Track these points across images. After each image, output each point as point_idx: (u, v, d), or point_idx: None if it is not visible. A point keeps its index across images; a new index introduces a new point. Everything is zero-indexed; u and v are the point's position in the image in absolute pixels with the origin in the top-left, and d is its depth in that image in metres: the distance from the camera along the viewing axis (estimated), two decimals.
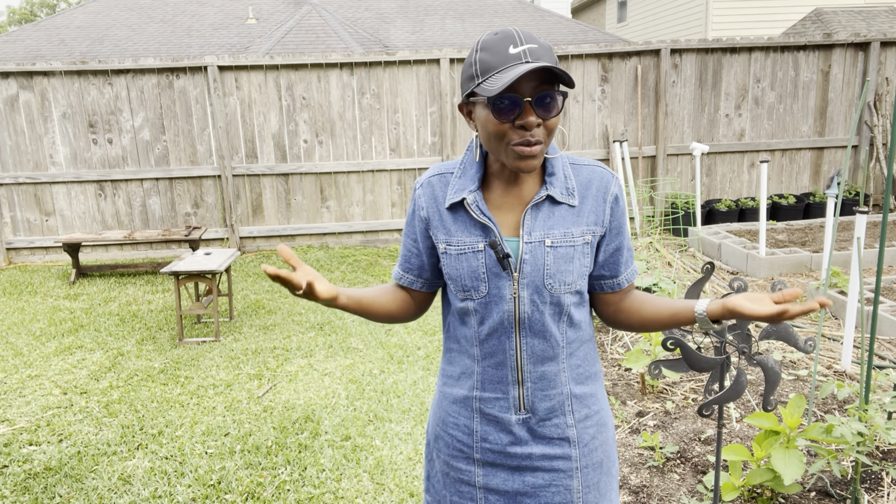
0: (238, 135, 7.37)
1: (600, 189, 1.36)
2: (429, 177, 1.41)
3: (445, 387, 1.46)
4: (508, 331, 1.34)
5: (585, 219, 1.34)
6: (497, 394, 1.37)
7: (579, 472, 1.40)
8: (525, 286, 1.31)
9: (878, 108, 7.88)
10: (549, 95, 1.22)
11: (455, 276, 1.36)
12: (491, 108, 1.23)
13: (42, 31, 12.83)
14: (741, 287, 1.88)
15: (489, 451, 1.40)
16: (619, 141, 7.43)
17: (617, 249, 1.41)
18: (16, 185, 7.25)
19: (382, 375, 4.07)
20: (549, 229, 1.32)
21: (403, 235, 1.47)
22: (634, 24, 17.92)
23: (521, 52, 1.20)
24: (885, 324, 4.25)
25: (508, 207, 1.35)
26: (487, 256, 1.31)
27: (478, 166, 1.36)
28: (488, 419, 1.39)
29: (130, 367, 4.35)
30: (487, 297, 1.33)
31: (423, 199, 1.40)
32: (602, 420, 1.45)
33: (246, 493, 2.89)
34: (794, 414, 2.40)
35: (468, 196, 1.33)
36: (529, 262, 1.31)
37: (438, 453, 1.48)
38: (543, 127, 1.24)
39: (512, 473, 1.40)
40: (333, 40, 11.11)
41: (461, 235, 1.34)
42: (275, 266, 6.74)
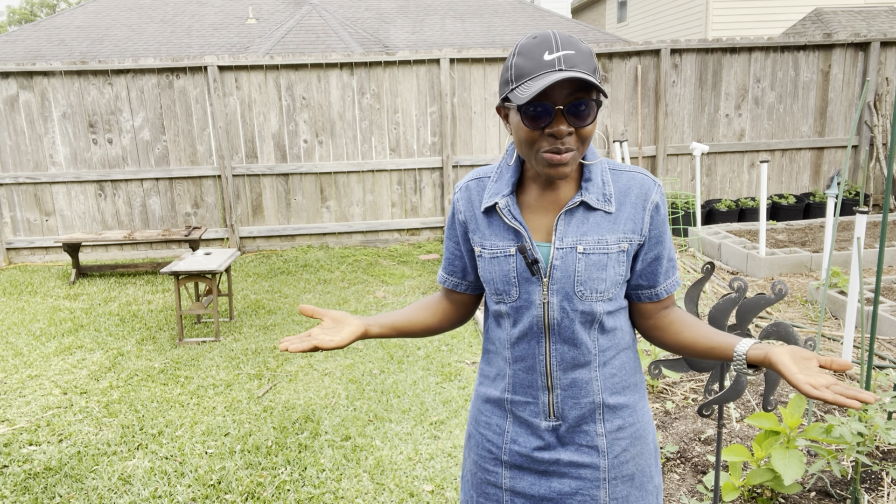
0: (238, 135, 7.37)
1: (640, 196, 1.32)
2: (467, 181, 1.42)
3: (481, 386, 1.47)
4: (538, 336, 1.33)
5: (622, 226, 1.31)
6: (528, 398, 1.37)
7: (607, 483, 1.37)
8: (555, 292, 1.29)
9: (878, 108, 7.88)
10: (582, 104, 1.20)
11: (489, 279, 1.37)
12: (521, 115, 1.21)
13: (42, 31, 12.83)
14: (741, 287, 1.88)
15: (517, 453, 1.39)
16: (619, 141, 7.42)
17: (656, 259, 1.37)
18: (16, 185, 7.25)
19: (382, 375, 4.07)
20: (581, 235, 1.29)
21: (445, 239, 1.49)
22: (634, 24, 17.92)
23: (555, 58, 1.18)
24: (885, 324, 4.25)
25: (543, 212, 1.33)
26: (518, 261, 1.31)
27: (513, 171, 1.35)
28: (520, 421, 1.39)
29: (130, 367, 4.35)
30: (518, 301, 1.33)
31: (460, 203, 1.42)
32: (638, 433, 1.40)
33: (246, 493, 2.89)
34: (794, 414, 2.40)
35: (500, 200, 1.33)
36: (560, 268, 1.29)
37: (469, 452, 1.49)
38: (576, 135, 1.22)
39: (539, 478, 1.38)
40: (333, 40, 11.11)
41: (495, 239, 1.34)
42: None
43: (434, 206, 7.71)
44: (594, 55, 1.24)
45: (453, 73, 7.43)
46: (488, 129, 7.61)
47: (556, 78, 1.14)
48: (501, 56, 7.40)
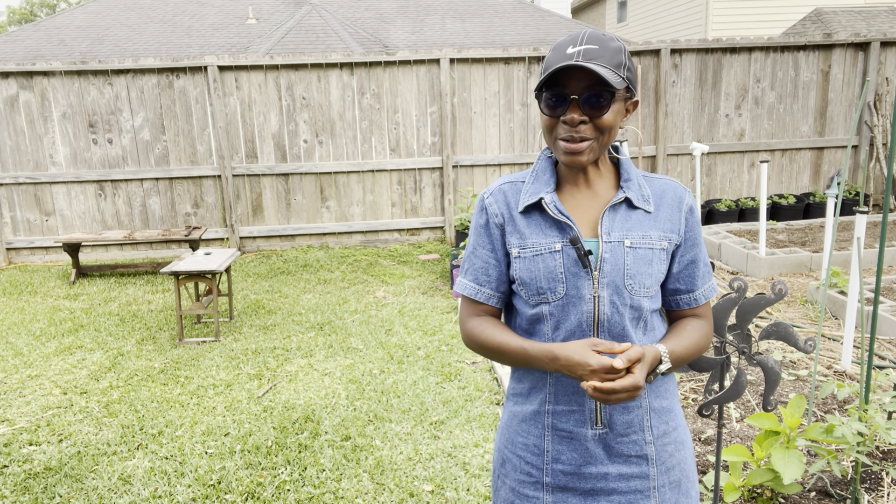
0: (238, 135, 7.37)
1: (674, 199, 1.37)
2: (499, 185, 1.42)
3: (515, 406, 1.42)
4: (586, 334, 1.31)
5: (662, 225, 1.34)
6: (572, 406, 1.33)
7: (656, 491, 1.35)
8: (605, 286, 1.29)
9: (878, 108, 7.88)
10: (598, 94, 1.25)
11: (529, 279, 1.33)
12: (540, 102, 1.31)
13: (42, 31, 12.83)
14: (741, 287, 1.88)
15: (561, 472, 1.34)
16: (620, 141, 7.41)
17: (692, 262, 1.39)
18: (16, 185, 7.25)
19: (382, 375, 4.07)
20: (627, 230, 1.32)
21: (474, 247, 1.42)
22: (634, 24, 17.92)
23: (575, 52, 1.25)
24: (885, 324, 4.25)
25: (583, 209, 1.36)
26: (565, 256, 1.30)
27: (551, 171, 1.38)
28: (561, 436, 1.34)
29: (130, 367, 4.35)
30: (565, 298, 1.30)
31: (495, 206, 1.39)
32: (680, 438, 1.40)
33: (246, 493, 2.89)
34: (795, 414, 2.40)
35: (546, 196, 1.34)
36: (609, 261, 1.29)
37: (505, 479, 1.42)
38: (593, 124, 1.27)
39: (584, 499, 1.34)
40: (333, 40, 11.10)
41: (536, 237, 1.34)
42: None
43: (434, 206, 7.71)
44: (624, 53, 1.27)
45: (453, 73, 7.44)
46: (488, 129, 7.61)
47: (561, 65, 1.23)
48: (501, 56, 7.40)
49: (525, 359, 1.31)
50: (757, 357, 1.89)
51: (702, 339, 1.39)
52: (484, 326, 1.39)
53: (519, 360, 1.33)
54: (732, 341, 1.93)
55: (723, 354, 1.91)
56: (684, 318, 1.42)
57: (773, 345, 4.20)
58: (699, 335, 1.39)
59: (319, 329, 4.94)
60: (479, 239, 1.41)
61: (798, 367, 3.89)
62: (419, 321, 5.02)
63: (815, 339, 1.96)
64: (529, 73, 7.53)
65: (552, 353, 1.26)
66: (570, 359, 1.23)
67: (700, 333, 1.39)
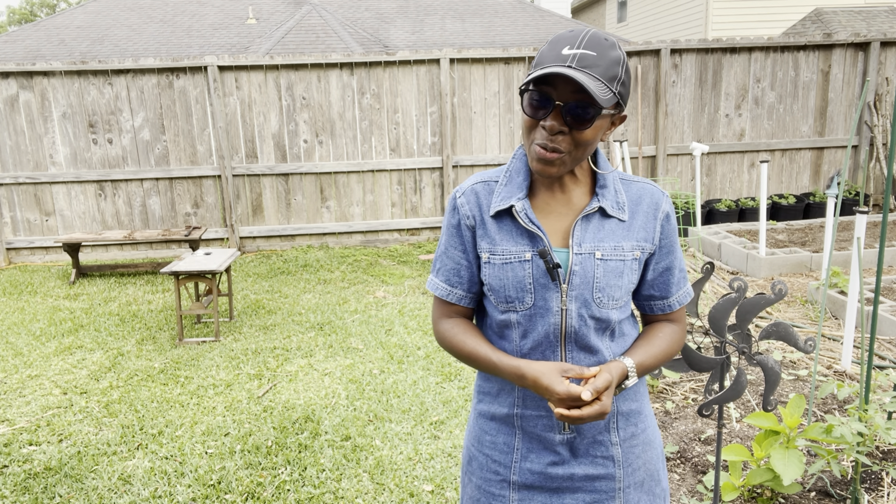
0: (238, 135, 7.37)
1: (651, 206, 1.33)
2: (472, 184, 1.36)
3: (482, 404, 1.41)
4: (553, 345, 1.29)
5: (635, 234, 1.31)
6: (541, 411, 1.33)
7: (621, 492, 1.36)
8: (573, 299, 1.27)
9: (878, 108, 7.88)
10: (584, 106, 1.18)
11: (498, 286, 1.31)
12: (524, 100, 1.24)
13: (42, 31, 12.83)
14: (741, 287, 1.88)
15: (528, 471, 1.35)
16: (619, 141, 7.42)
17: (667, 269, 1.37)
18: (16, 185, 7.25)
19: (382, 375, 4.07)
20: (599, 242, 1.28)
21: (446, 247, 1.39)
22: (634, 24, 17.92)
23: (570, 55, 1.18)
24: (885, 324, 4.25)
25: (556, 216, 1.31)
26: (535, 266, 1.27)
27: (525, 174, 1.33)
28: (530, 437, 1.34)
29: (130, 367, 4.35)
30: (532, 308, 1.28)
31: (467, 208, 1.34)
32: (648, 438, 1.40)
33: (246, 493, 2.89)
34: (794, 414, 2.40)
35: (517, 203, 1.29)
36: (579, 273, 1.27)
37: (471, 477, 1.42)
38: (571, 137, 1.21)
39: (550, 496, 1.35)
40: (333, 40, 11.10)
41: (506, 244, 1.29)
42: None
43: (434, 207, 7.71)
44: (622, 65, 1.19)
45: (453, 73, 7.43)
46: (488, 129, 7.61)
47: (551, 70, 1.15)
48: (501, 56, 7.40)
49: (493, 370, 1.30)
50: (757, 357, 1.89)
51: (673, 344, 1.38)
52: (456, 330, 1.37)
53: (488, 370, 1.32)
54: (732, 341, 1.93)
55: (723, 354, 1.91)
56: (657, 323, 1.41)
57: (773, 345, 4.20)
58: (670, 341, 1.38)
59: (319, 329, 4.94)
60: (451, 239, 1.37)
61: (798, 367, 3.89)
62: (419, 321, 5.02)
63: (815, 339, 1.96)
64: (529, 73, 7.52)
65: (520, 371, 1.25)
66: (537, 382, 1.22)
67: (671, 339, 1.38)
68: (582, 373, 1.23)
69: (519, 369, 1.25)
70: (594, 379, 1.21)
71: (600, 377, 1.21)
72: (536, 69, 1.20)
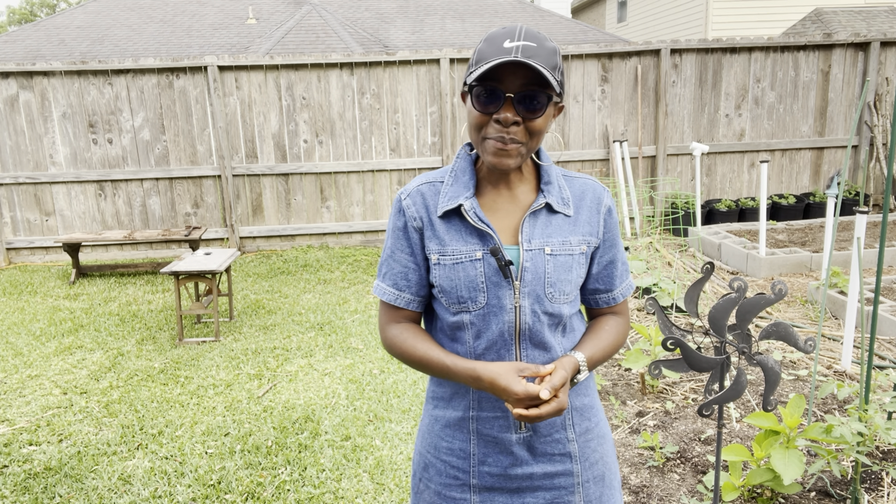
0: (238, 135, 7.37)
1: (594, 200, 1.35)
2: (417, 185, 1.35)
3: (436, 410, 1.39)
4: (508, 343, 1.29)
5: (581, 229, 1.33)
6: (496, 412, 1.32)
7: (580, 487, 1.37)
8: (526, 295, 1.27)
9: (878, 108, 7.88)
10: (535, 95, 1.19)
11: (449, 287, 1.29)
12: (473, 98, 1.22)
13: (42, 31, 12.83)
14: (741, 287, 1.88)
15: (487, 474, 1.34)
16: (619, 141, 7.43)
17: (611, 262, 1.40)
18: (16, 185, 7.25)
19: (382, 375, 4.07)
20: (547, 237, 1.29)
21: (392, 250, 1.36)
22: (634, 24, 17.92)
23: (514, 47, 1.18)
24: (885, 324, 4.25)
25: (503, 214, 1.31)
26: (486, 265, 1.27)
27: (471, 173, 1.32)
28: (486, 440, 1.34)
29: (130, 367, 4.35)
30: (486, 307, 1.28)
31: (413, 209, 1.32)
32: (602, 432, 1.42)
33: (246, 493, 2.89)
34: (794, 414, 2.40)
35: (465, 202, 1.28)
36: (530, 270, 1.27)
37: (429, 483, 1.40)
38: (525, 127, 1.22)
39: (511, 496, 1.35)
40: (333, 40, 11.11)
41: (456, 244, 1.28)
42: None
43: None
44: (559, 55, 1.22)
45: (453, 73, 7.44)
46: None
47: (504, 60, 1.15)
48: None
49: (447, 375, 1.28)
50: (757, 357, 1.89)
51: (619, 336, 1.41)
52: (405, 336, 1.34)
53: (441, 374, 1.29)
54: (732, 341, 1.93)
55: (723, 354, 1.91)
56: (603, 317, 1.43)
57: (773, 345, 4.20)
58: (616, 333, 1.40)
59: (319, 329, 4.94)
60: (398, 242, 1.35)
61: (798, 367, 3.89)
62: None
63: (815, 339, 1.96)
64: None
65: (476, 373, 1.23)
66: (494, 383, 1.21)
67: (617, 331, 1.41)
68: (538, 371, 1.23)
69: (474, 371, 1.23)
70: (550, 376, 1.21)
71: (556, 374, 1.22)
72: (480, 65, 1.19)
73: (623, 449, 3.08)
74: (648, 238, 6.39)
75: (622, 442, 3.14)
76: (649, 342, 3.56)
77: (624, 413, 3.41)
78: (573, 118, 7.67)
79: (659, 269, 5.29)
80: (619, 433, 3.23)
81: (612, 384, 3.78)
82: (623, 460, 2.99)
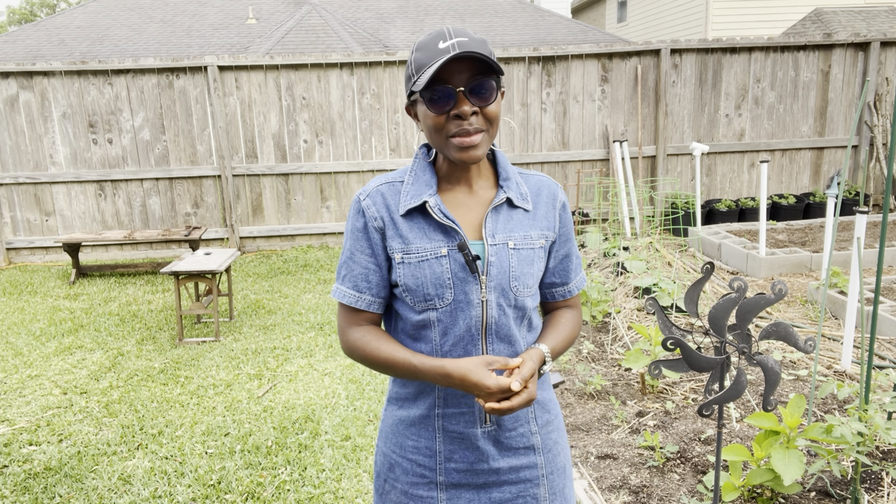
0: (238, 135, 7.37)
1: (549, 196, 1.40)
2: (376, 186, 1.35)
3: (401, 410, 1.39)
4: (475, 338, 1.30)
5: (539, 223, 1.37)
6: (462, 408, 1.33)
7: (545, 479, 1.40)
8: (492, 289, 1.29)
9: (878, 108, 7.88)
10: (483, 84, 1.23)
11: (415, 285, 1.29)
12: (426, 102, 1.24)
13: (42, 31, 12.83)
14: (741, 287, 1.88)
15: (454, 471, 1.35)
16: (619, 141, 7.43)
17: (566, 256, 1.44)
18: (16, 185, 7.25)
19: (382, 375, 4.07)
20: (510, 232, 1.32)
21: (352, 252, 1.35)
22: (634, 24, 17.92)
23: (449, 45, 1.21)
24: (885, 324, 4.25)
25: (465, 210, 1.33)
26: (452, 261, 1.28)
27: (430, 171, 1.34)
28: (452, 437, 1.35)
29: (130, 367, 4.35)
30: (453, 303, 1.28)
31: (373, 209, 1.32)
32: (560, 425, 1.47)
33: (246, 493, 2.89)
34: (794, 414, 2.40)
35: (430, 199, 1.29)
36: (496, 264, 1.29)
37: (395, 483, 1.40)
38: (482, 115, 1.25)
39: (478, 492, 1.36)
40: (333, 40, 11.10)
41: (420, 242, 1.29)
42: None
43: None
44: (488, 44, 1.27)
45: None
46: None
47: (449, 56, 1.19)
48: (501, 56, 7.40)
49: (413, 374, 1.28)
50: (757, 357, 1.89)
51: (575, 328, 1.47)
52: (368, 338, 1.34)
53: (408, 375, 1.29)
54: (732, 341, 1.93)
55: (723, 354, 1.91)
56: (559, 310, 1.48)
57: (773, 345, 4.20)
58: (573, 325, 1.46)
59: (319, 329, 4.94)
60: (357, 243, 1.34)
61: (798, 367, 3.89)
62: None
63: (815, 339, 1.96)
64: (529, 73, 7.53)
65: (445, 370, 1.23)
66: (465, 379, 1.21)
67: (574, 324, 1.46)
68: (507, 363, 1.26)
69: (443, 369, 1.24)
70: (519, 368, 1.24)
71: (525, 366, 1.25)
72: (425, 70, 1.22)
73: (623, 449, 3.08)
74: (648, 238, 6.39)
75: (622, 442, 3.14)
76: (649, 342, 3.56)
77: (624, 413, 3.41)
78: (573, 118, 7.67)
79: (659, 269, 5.29)
80: (619, 433, 3.23)
81: (612, 384, 3.78)
82: (623, 460, 2.99)
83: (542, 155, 7.67)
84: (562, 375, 3.55)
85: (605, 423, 3.34)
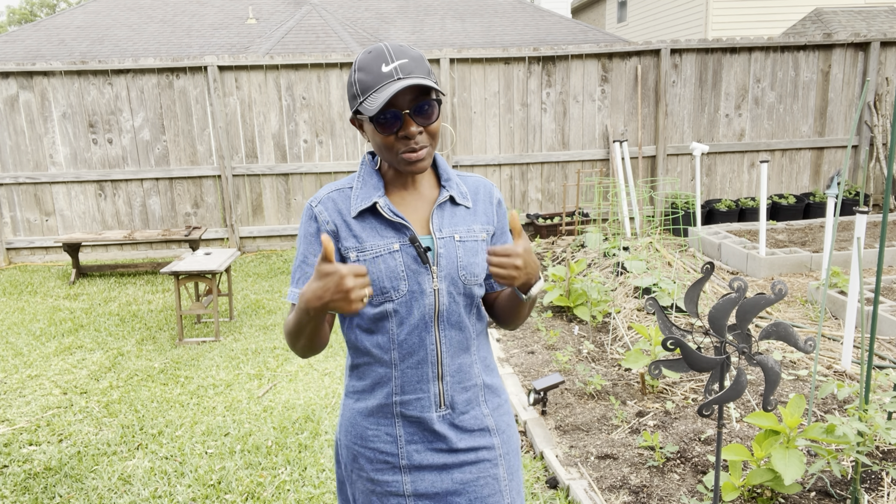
0: (238, 135, 7.37)
1: (486, 194, 1.52)
2: (327, 193, 1.45)
3: (360, 402, 1.46)
4: (428, 325, 1.40)
5: (480, 218, 1.49)
6: (418, 394, 1.42)
7: (503, 458, 1.49)
8: (443, 278, 1.40)
9: (878, 108, 7.88)
10: (426, 104, 1.33)
11: (371, 280, 1.37)
12: (375, 125, 1.34)
13: (42, 31, 12.82)
14: (741, 287, 1.88)
15: (415, 453, 1.43)
16: (619, 141, 7.43)
17: None
18: (16, 185, 7.25)
19: None
20: (455, 226, 1.44)
21: (305, 256, 1.42)
22: (634, 24, 17.92)
23: (392, 69, 1.31)
24: (885, 324, 4.25)
25: (412, 209, 1.45)
26: (404, 255, 1.38)
27: (377, 176, 1.45)
28: (410, 421, 1.43)
29: (130, 367, 4.35)
30: (408, 294, 1.38)
31: (325, 214, 1.42)
32: (509, 409, 1.57)
33: (246, 493, 2.89)
34: (794, 414, 2.40)
35: (379, 200, 1.40)
36: (444, 255, 1.40)
37: (360, 472, 1.46)
38: (426, 132, 1.36)
39: (440, 473, 1.44)
40: (333, 40, 11.10)
41: (373, 240, 1.39)
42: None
43: None
44: (425, 59, 1.38)
45: (453, 73, 7.44)
46: (488, 129, 7.61)
47: (398, 87, 1.28)
48: (502, 56, 7.40)
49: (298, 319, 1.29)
50: (757, 357, 1.89)
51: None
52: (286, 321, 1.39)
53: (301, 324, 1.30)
54: (732, 341, 1.93)
55: (723, 354, 1.91)
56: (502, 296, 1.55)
57: (773, 345, 4.20)
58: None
59: None
60: (311, 247, 1.42)
61: (798, 367, 3.89)
62: None
63: (815, 339, 1.96)
64: (529, 73, 7.53)
65: (300, 296, 1.24)
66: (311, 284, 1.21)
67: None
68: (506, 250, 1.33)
69: (300, 296, 1.23)
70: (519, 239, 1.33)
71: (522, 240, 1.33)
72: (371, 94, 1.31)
73: (623, 449, 3.08)
74: (648, 238, 6.39)
75: (622, 442, 3.14)
76: (649, 342, 3.56)
77: (624, 413, 3.41)
78: (573, 118, 7.67)
79: (659, 269, 5.29)
80: (619, 433, 3.23)
81: (612, 384, 3.78)
82: (623, 460, 2.99)
83: (542, 155, 7.67)
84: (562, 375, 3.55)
85: (605, 423, 3.34)
